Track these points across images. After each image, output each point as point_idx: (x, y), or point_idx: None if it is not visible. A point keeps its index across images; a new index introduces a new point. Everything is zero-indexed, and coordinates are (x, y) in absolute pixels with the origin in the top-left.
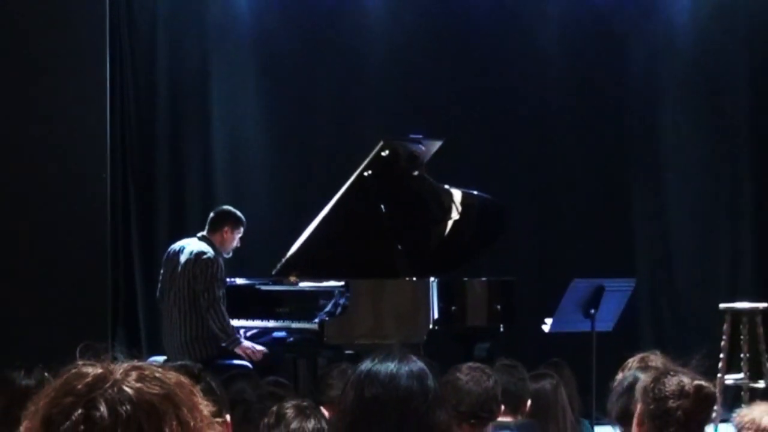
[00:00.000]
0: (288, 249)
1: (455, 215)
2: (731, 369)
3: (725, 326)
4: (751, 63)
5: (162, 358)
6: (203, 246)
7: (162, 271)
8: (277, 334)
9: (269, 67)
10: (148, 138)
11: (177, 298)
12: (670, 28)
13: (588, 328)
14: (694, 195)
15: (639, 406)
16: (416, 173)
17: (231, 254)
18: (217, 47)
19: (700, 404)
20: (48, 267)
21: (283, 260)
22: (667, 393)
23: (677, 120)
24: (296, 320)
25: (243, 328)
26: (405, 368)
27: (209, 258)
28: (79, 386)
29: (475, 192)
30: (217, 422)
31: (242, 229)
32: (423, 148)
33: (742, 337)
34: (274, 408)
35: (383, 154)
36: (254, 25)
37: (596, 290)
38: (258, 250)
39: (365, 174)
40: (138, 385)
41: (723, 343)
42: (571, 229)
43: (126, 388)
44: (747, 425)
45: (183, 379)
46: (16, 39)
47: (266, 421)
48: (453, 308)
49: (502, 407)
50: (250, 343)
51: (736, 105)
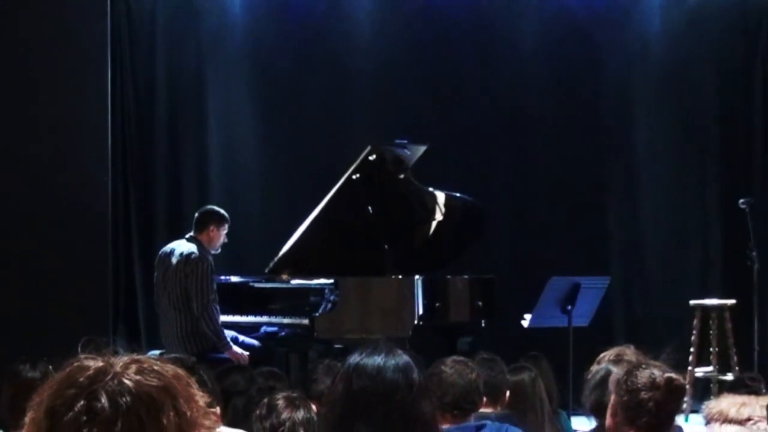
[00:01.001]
0: (280, 248)
1: (439, 216)
2: (701, 362)
3: (695, 322)
4: (719, 70)
5: (160, 352)
6: (192, 247)
7: (155, 274)
8: (270, 329)
9: (262, 75)
10: (147, 142)
11: (171, 298)
12: (644, 38)
13: (565, 324)
14: (666, 196)
15: (613, 398)
16: (402, 176)
17: (219, 251)
18: (213, 56)
19: (671, 396)
20: (52, 265)
21: (276, 259)
22: (640, 385)
23: (650, 124)
24: (288, 316)
25: (238, 323)
26: (391, 362)
27: (198, 257)
28: (81, 379)
29: (458, 194)
30: (212, 411)
31: (227, 226)
32: (408, 153)
33: (711, 332)
34: (266, 400)
35: (370, 159)
36: (248, 35)
37: (573, 287)
38: (252, 249)
39: (353, 177)
40: (137, 378)
41: (693, 338)
42: (549, 230)
43: (126, 381)
44: (715, 416)
45: (180, 372)
46: (22, 47)
47: (258, 413)
48: (437, 304)
49: (484, 399)
50: (239, 349)
51: (706, 110)
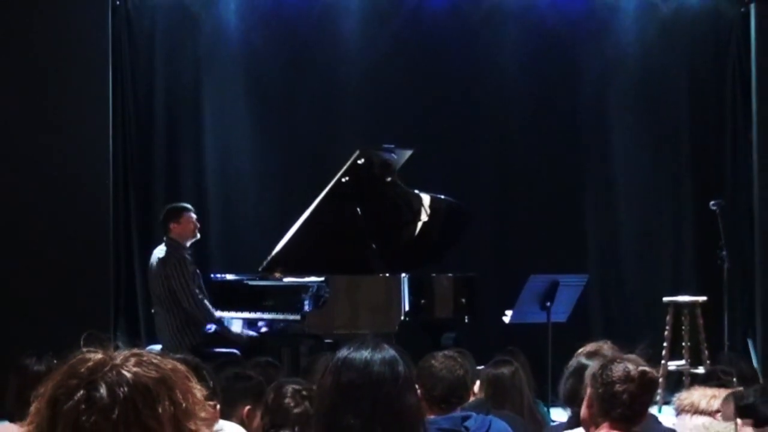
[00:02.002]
0: (274, 248)
1: (424, 217)
2: (674, 356)
3: (668, 317)
4: (691, 79)
5: (159, 347)
6: (164, 249)
7: (149, 278)
8: (263, 325)
9: (256, 83)
10: (147, 147)
11: (159, 300)
12: (619, 49)
13: (544, 320)
14: (641, 199)
15: (588, 390)
16: (389, 179)
17: (198, 236)
18: (209, 65)
19: (644, 388)
20: (56, 264)
21: (269, 258)
22: (614, 378)
23: (625, 130)
24: (281, 312)
25: (233, 319)
26: (378, 356)
27: (169, 259)
28: (82, 370)
29: (442, 196)
30: (210, 404)
31: (188, 214)
32: (395, 157)
33: (684, 328)
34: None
35: (359, 162)
36: (242, 45)
37: (552, 285)
38: (246, 249)
39: (343, 180)
40: (135, 370)
41: (666, 333)
42: (530, 230)
43: (124, 372)
44: (687, 407)
45: (179, 366)
46: (28, 58)
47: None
48: (422, 301)
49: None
50: (237, 330)
51: (678, 117)
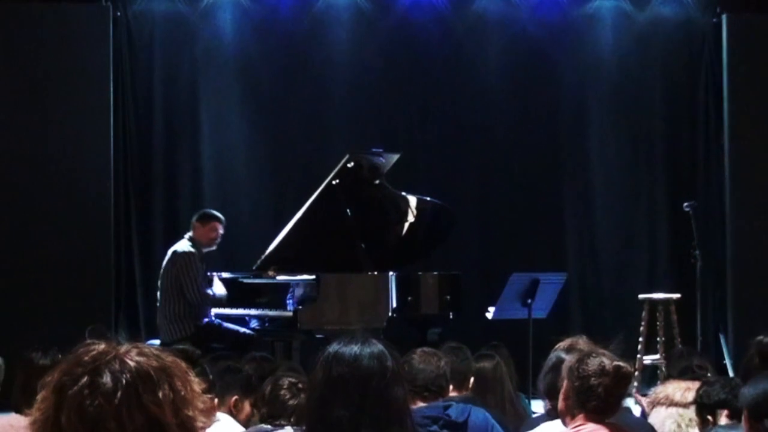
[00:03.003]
0: (267, 247)
1: (411, 218)
2: (649, 351)
3: (644, 314)
4: (664, 85)
5: (158, 341)
6: (184, 244)
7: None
8: (257, 321)
9: (251, 90)
10: (146, 151)
11: (163, 289)
12: (597, 58)
13: (525, 316)
14: (617, 201)
15: (565, 383)
16: (377, 182)
17: (215, 247)
18: (206, 73)
19: (619, 382)
20: (61, 263)
21: (263, 257)
22: (590, 372)
23: (603, 135)
24: (274, 308)
25: (228, 316)
26: (367, 350)
27: (182, 253)
28: (87, 358)
29: (428, 198)
30: (208, 397)
31: (215, 224)
32: (383, 160)
33: (658, 323)
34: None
35: (349, 166)
36: (237, 54)
37: (532, 283)
38: (241, 248)
39: (333, 183)
40: (138, 358)
41: (642, 329)
42: (511, 230)
43: (127, 360)
44: (662, 399)
45: (179, 360)
46: (34, 69)
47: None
48: (409, 298)
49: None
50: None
51: (652, 122)
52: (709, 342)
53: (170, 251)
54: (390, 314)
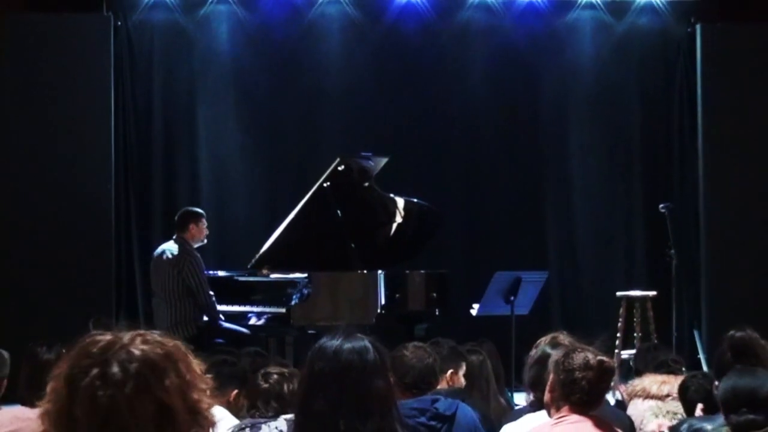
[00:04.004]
0: (261, 247)
1: (399, 219)
2: (626, 346)
3: (621, 310)
4: (643, 92)
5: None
6: (176, 247)
7: (151, 274)
8: (252, 317)
9: (245, 96)
10: (146, 155)
11: (165, 293)
12: (577, 65)
13: (508, 312)
14: (596, 202)
15: (551, 376)
16: (366, 184)
17: (205, 241)
18: (203, 79)
19: (602, 376)
20: (64, 262)
21: (257, 256)
22: (575, 366)
23: (582, 139)
24: (268, 305)
25: (223, 312)
26: (348, 345)
27: (187, 256)
28: (94, 350)
29: (415, 199)
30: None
31: (204, 220)
32: (372, 164)
33: (635, 320)
34: (261, 371)
35: (339, 169)
36: (233, 62)
37: (515, 281)
38: (236, 248)
39: (324, 185)
40: (143, 347)
41: (619, 325)
42: (495, 231)
43: (133, 350)
44: (639, 392)
45: (179, 343)
46: (38, 75)
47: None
48: (397, 296)
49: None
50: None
51: (631, 127)
52: (684, 337)
53: (166, 254)
54: (379, 311)
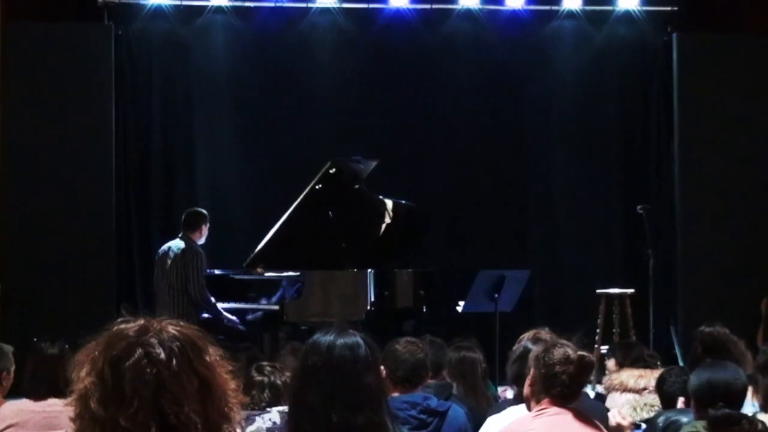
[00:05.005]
0: (256, 246)
1: (388, 220)
2: (605, 341)
3: (601, 307)
4: (620, 98)
5: None
6: (186, 243)
7: (156, 270)
8: (246, 314)
9: (241, 102)
10: (145, 156)
11: (169, 287)
12: (558, 73)
13: (492, 309)
14: (578, 204)
15: (532, 371)
16: (357, 187)
17: (204, 242)
18: (200, 86)
19: (582, 371)
20: (68, 262)
21: (252, 255)
22: (555, 360)
23: (564, 144)
24: (262, 302)
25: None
26: (340, 341)
27: (195, 251)
28: (130, 333)
29: (403, 201)
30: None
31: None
32: (362, 167)
33: (614, 316)
34: (255, 365)
35: (331, 172)
36: (229, 69)
37: (499, 279)
38: (232, 247)
39: (316, 187)
40: (177, 328)
41: (599, 321)
42: (480, 231)
43: (170, 330)
44: (616, 386)
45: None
46: (42, 82)
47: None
48: (386, 293)
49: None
50: (230, 316)
51: (610, 133)
52: (661, 333)
53: (173, 249)
54: (369, 308)
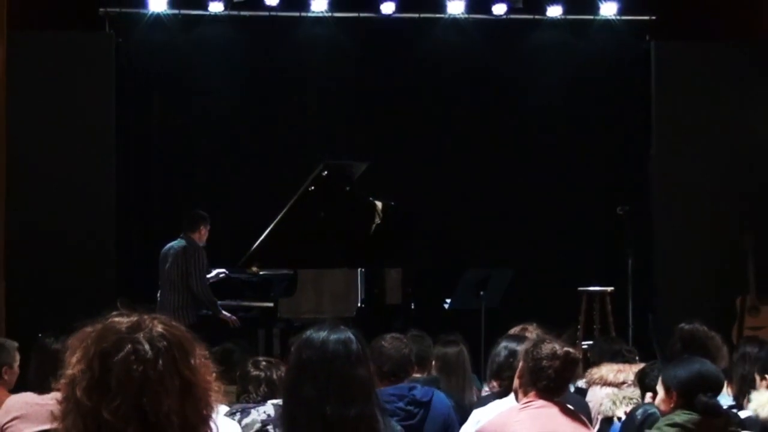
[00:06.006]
0: (251, 246)
1: (377, 220)
2: (586, 337)
3: (582, 304)
4: (601, 103)
5: None
6: (186, 242)
7: (160, 267)
8: (241, 310)
9: (237, 108)
10: (145, 159)
11: (171, 284)
12: (542, 79)
13: (478, 306)
14: (560, 204)
15: (520, 364)
16: (348, 188)
17: (204, 243)
18: (198, 92)
19: (568, 365)
20: (71, 261)
21: (247, 254)
22: (543, 355)
23: (548, 148)
24: (257, 299)
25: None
26: (334, 336)
27: (196, 248)
28: (122, 328)
29: (392, 203)
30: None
31: (209, 225)
32: (353, 169)
33: (595, 313)
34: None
35: (323, 174)
36: (226, 76)
37: (484, 277)
38: (228, 247)
39: (309, 189)
40: (167, 328)
41: (580, 317)
42: (466, 231)
43: (160, 329)
44: (597, 380)
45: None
46: (45, 89)
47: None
48: (375, 291)
49: (415, 367)
50: (228, 314)
51: (591, 135)
52: (639, 329)
53: (174, 247)
54: (359, 305)
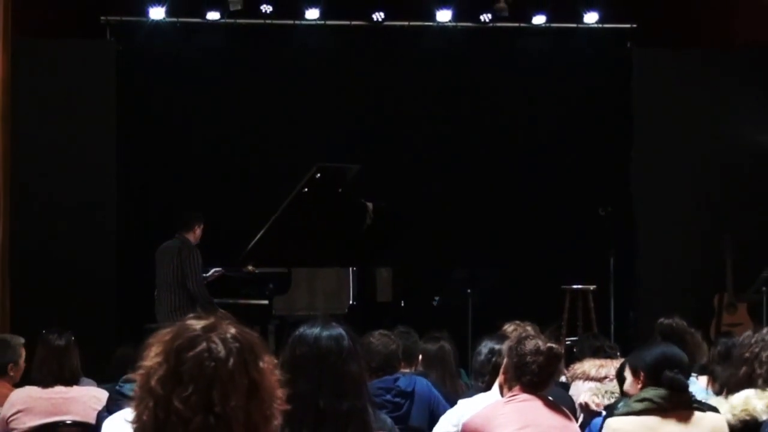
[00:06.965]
0: (247, 245)
1: (369, 221)
2: (570, 334)
3: (566, 302)
4: (584, 108)
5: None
6: (181, 242)
7: (157, 268)
8: (237, 308)
9: (235, 113)
10: (145, 162)
11: (167, 284)
12: (528, 84)
13: (466, 304)
14: (546, 205)
15: (505, 360)
16: (340, 190)
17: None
18: (197, 97)
19: (551, 361)
20: (73, 261)
21: (243, 253)
22: (526, 351)
23: (534, 151)
24: (252, 297)
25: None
26: (326, 332)
27: (191, 249)
28: (197, 327)
29: (383, 204)
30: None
31: (203, 224)
32: (346, 172)
33: (578, 310)
34: None
35: (316, 177)
36: (224, 82)
37: (472, 276)
38: (225, 247)
39: (303, 190)
40: (240, 332)
41: (564, 314)
42: (455, 231)
43: (233, 332)
44: (579, 375)
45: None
46: (48, 96)
47: None
48: (367, 289)
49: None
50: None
51: (574, 139)
52: (621, 325)
53: (171, 248)
54: (351, 302)
